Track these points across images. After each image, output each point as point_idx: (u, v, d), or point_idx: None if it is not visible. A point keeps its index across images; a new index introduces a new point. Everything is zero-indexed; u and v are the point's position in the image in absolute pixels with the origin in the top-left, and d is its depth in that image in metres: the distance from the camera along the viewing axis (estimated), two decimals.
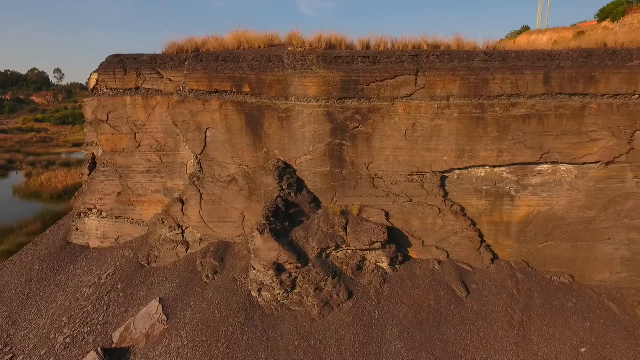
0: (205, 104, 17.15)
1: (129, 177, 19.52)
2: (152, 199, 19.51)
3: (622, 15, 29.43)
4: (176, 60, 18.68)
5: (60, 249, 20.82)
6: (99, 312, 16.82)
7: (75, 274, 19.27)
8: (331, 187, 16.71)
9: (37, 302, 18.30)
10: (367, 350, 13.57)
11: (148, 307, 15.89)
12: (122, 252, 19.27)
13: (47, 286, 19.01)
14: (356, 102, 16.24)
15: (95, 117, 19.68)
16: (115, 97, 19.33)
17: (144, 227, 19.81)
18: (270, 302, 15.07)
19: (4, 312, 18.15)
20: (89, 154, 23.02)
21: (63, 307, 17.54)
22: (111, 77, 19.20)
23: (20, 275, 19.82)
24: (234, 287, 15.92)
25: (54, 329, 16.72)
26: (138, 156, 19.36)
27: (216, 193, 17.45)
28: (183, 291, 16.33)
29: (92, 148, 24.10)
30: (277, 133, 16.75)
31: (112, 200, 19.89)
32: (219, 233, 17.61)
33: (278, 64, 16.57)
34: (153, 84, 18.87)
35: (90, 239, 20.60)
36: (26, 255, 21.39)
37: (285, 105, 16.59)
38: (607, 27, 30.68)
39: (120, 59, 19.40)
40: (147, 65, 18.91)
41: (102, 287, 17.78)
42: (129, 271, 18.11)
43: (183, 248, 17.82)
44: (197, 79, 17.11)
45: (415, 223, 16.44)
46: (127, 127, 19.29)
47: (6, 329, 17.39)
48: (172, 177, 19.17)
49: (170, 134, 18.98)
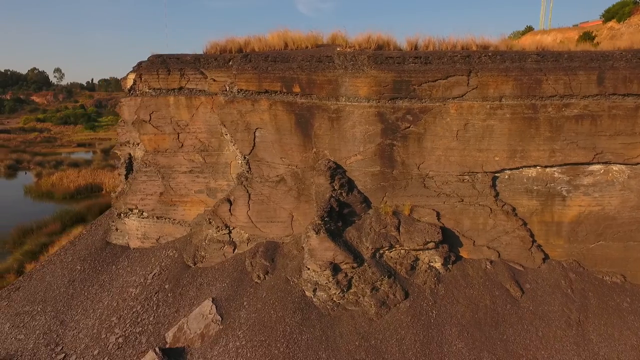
0: (255, 104, 17.24)
1: (172, 177, 19.61)
2: (194, 199, 19.60)
3: (628, 15, 29.43)
4: (220, 60, 18.77)
5: (100, 249, 20.90)
6: (148, 312, 16.90)
7: (118, 274, 19.35)
8: (381, 187, 16.81)
9: (83, 302, 18.38)
10: (428, 350, 13.68)
11: (201, 307, 15.97)
12: (165, 252, 19.35)
13: (91, 286, 19.09)
14: (407, 102, 16.34)
15: (137, 117, 19.76)
16: (158, 97, 19.41)
17: (186, 227, 19.89)
18: (326, 302, 15.16)
19: (50, 312, 18.24)
20: (125, 154, 23.11)
21: (110, 307, 17.62)
22: (154, 76, 19.28)
23: (62, 275, 19.90)
24: (287, 287, 16.01)
25: (104, 328, 16.80)
26: (181, 156, 19.45)
27: (264, 193, 17.54)
28: (234, 291, 16.43)
29: (125, 148, 24.19)
30: (327, 133, 16.85)
31: (153, 200, 19.97)
32: (266, 233, 17.70)
33: (328, 64, 16.67)
34: (197, 84, 18.96)
35: (131, 239, 20.68)
36: (65, 255, 21.47)
37: (336, 105, 16.69)
38: (612, 28, 30.79)
39: (162, 59, 19.49)
40: (190, 65, 19.00)
41: (149, 287, 17.86)
42: (175, 271, 18.19)
43: (230, 248, 17.91)
44: (247, 79, 17.20)
45: (466, 223, 16.55)
46: (170, 127, 19.38)
47: (54, 328, 17.48)
48: (215, 177, 19.25)
49: (214, 134, 19.08)
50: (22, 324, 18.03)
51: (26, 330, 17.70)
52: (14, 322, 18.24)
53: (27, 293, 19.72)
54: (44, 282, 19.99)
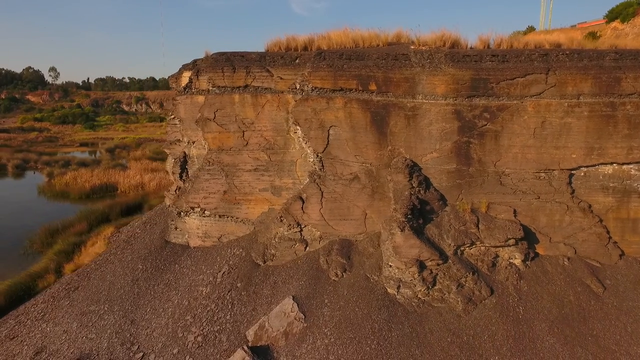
0: (329, 102, 17.32)
1: (236, 175, 19.63)
2: (258, 197, 19.64)
3: (632, 16, 29.80)
4: (287, 58, 18.83)
5: (160, 248, 20.87)
6: (224, 311, 16.93)
7: (182, 273, 19.34)
8: (457, 185, 16.95)
9: (151, 301, 18.36)
10: (522, 346, 13.85)
11: (281, 306, 16.02)
12: (231, 250, 19.36)
13: (156, 285, 19.07)
14: (484, 100, 16.51)
15: (200, 115, 19.76)
16: (223, 95, 19.43)
17: (249, 226, 19.93)
18: (411, 299, 15.29)
19: (118, 311, 18.20)
20: (178, 153, 23.09)
21: (182, 306, 17.61)
22: (219, 74, 19.29)
23: (124, 274, 19.86)
24: (368, 284, 16.12)
25: (180, 327, 16.80)
26: (246, 154, 19.48)
27: (337, 191, 17.61)
28: (313, 289, 16.49)
29: (176, 146, 24.18)
30: (403, 131, 16.97)
31: (216, 198, 19.98)
32: (339, 231, 17.78)
33: (405, 62, 16.79)
34: (263, 81, 19.00)
35: (191, 237, 20.68)
36: (123, 254, 21.43)
37: (412, 103, 16.81)
38: (616, 28, 31.15)
39: (227, 57, 19.51)
40: (256, 63, 19.04)
41: (220, 286, 17.87)
42: (245, 270, 18.22)
43: (302, 246, 17.97)
44: (322, 77, 17.26)
45: (543, 220, 16.74)
46: (234, 126, 19.40)
47: (126, 327, 17.45)
48: (281, 175, 19.30)
49: (280, 132, 19.13)
50: (91, 323, 17.98)
51: (96, 329, 17.65)
52: (81, 322, 18.19)
53: (88, 292, 19.67)
54: (105, 282, 19.94)
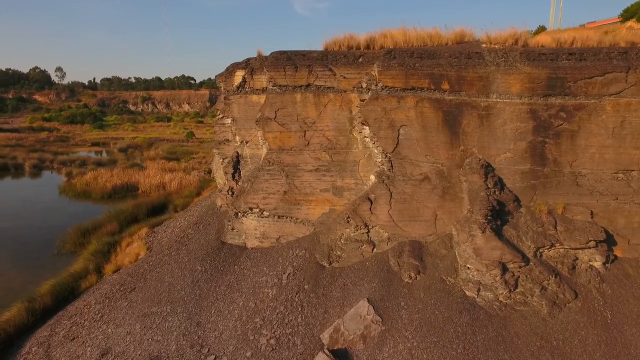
0: (400, 101, 17.08)
1: (296, 175, 19.42)
2: (319, 197, 19.42)
3: None
4: (350, 57, 18.62)
5: (217, 249, 20.68)
6: (294, 314, 16.70)
7: (243, 274, 19.14)
8: (531, 186, 16.67)
9: (214, 303, 18.16)
10: (615, 351, 13.56)
11: (356, 308, 15.78)
12: (293, 251, 19.14)
13: (217, 287, 18.88)
14: (561, 99, 16.22)
15: (261, 115, 19.55)
16: (284, 95, 19.23)
17: (309, 227, 19.70)
18: (492, 302, 15.01)
19: (181, 313, 18.02)
20: (230, 153, 22.93)
21: (249, 308, 17.40)
22: (281, 74, 19.09)
23: (183, 276, 19.67)
24: (444, 287, 15.86)
25: (250, 330, 16.59)
26: (307, 154, 19.26)
27: (407, 191, 17.36)
28: (386, 291, 16.24)
29: (225, 146, 24.04)
30: (476, 131, 16.71)
31: (276, 199, 19.77)
32: (408, 232, 17.53)
33: (479, 60, 16.53)
34: (325, 81, 18.80)
35: (248, 238, 20.48)
36: (178, 255, 21.26)
37: (486, 102, 16.54)
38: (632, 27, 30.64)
39: (287, 56, 19.31)
40: (318, 62, 18.83)
41: (287, 288, 17.65)
42: (311, 271, 17.99)
43: (369, 247, 17.72)
44: (392, 76, 17.03)
45: (621, 221, 16.43)
46: (296, 125, 19.20)
47: (192, 330, 17.25)
48: (343, 175, 19.07)
49: (342, 132, 18.91)
50: (155, 325, 17.80)
51: (161, 331, 17.46)
52: (144, 323, 18.01)
53: (147, 294, 19.50)
54: (164, 283, 19.77)
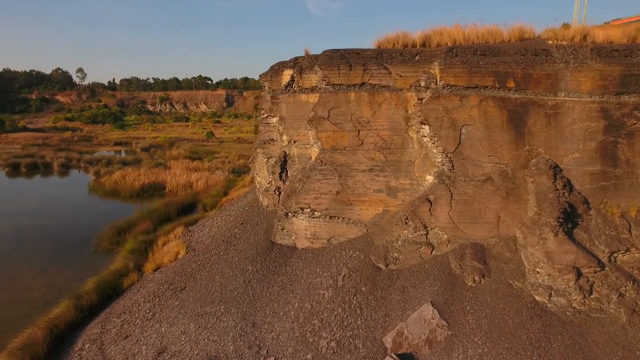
0: (463, 100, 16.65)
1: (349, 175, 19.15)
2: (372, 198, 19.10)
3: None
4: (405, 55, 18.27)
5: (267, 249, 20.55)
6: (353, 316, 16.41)
7: (296, 275, 18.94)
8: (601, 187, 16.04)
9: (269, 304, 18.01)
10: None
11: (420, 312, 15.41)
12: (346, 253, 18.86)
13: (270, 287, 18.73)
14: (635, 98, 15.59)
15: (314, 114, 19.34)
16: (338, 93, 18.98)
17: (361, 227, 19.41)
18: (565, 308, 14.46)
19: (235, 313, 17.93)
20: (275, 152, 22.80)
21: (305, 310, 17.18)
22: (335, 72, 18.85)
23: (235, 276, 19.60)
24: (511, 291, 15.37)
25: (308, 332, 16.37)
26: (360, 154, 18.97)
27: (468, 193, 16.91)
28: (450, 295, 15.83)
29: (270, 146, 23.91)
30: (543, 130, 16.16)
31: (328, 199, 19.53)
32: (469, 234, 17.07)
33: (546, 57, 16.00)
34: (381, 79, 18.49)
35: (298, 239, 20.29)
36: (227, 255, 21.22)
37: (554, 101, 15.99)
38: None
39: (341, 54, 19.07)
40: (372, 61, 18.55)
41: (344, 290, 17.38)
42: (367, 273, 17.69)
43: (428, 249, 17.32)
44: (455, 74, 16.61)
45: None
46: (350, 124, 18.93)
47: (248, 330, 17.13)
48: (397, 175, 18.72)
49: (397, 132, 18.57)
50: (209, 324, 17.74)
51: (217, 331, 17.38)
52: (198, 323, 17.97)
53: (199, 293, 19.48)
54: (215, 283, 19.73)
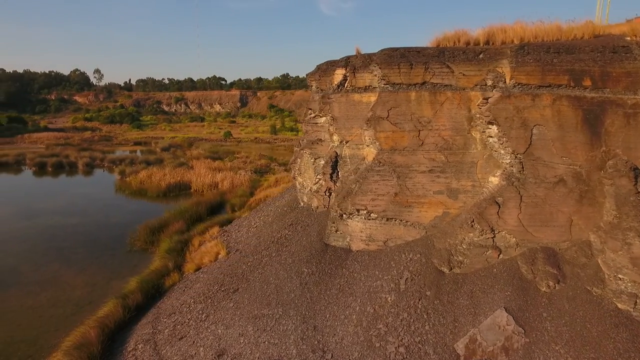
0: (535, 99, 16.13)
1: (408, 176, 18.75)
2: (432, 200, 18.66)
3: None
4: (469, 53, 17.81)
5: (321, 251, 20.27)
6: (420, 321, 16.02)
7: (354, 278, 18.62)
8: None
9: (328, 307, 17.73)
10: None
11: (494, 318, 14.94)
12: (406, 256, 18.46)
13: (328, 290, 18.44)
14: None
15: (372, 114, 18.99)
16: (398, 93, 18.60)
17: (419, 230, 18.99)
18: None
19: (294, 316, 17.69)
20: (323, 152, 22.53)
21: (367, 314, 16.85)
22: (395, 71, 18.48)
23: (290, 278, 19.36)
24: (590, 298, 14.82)
25: (374, 337, 16.03)
26: (420, 155, 18.56)
27: (539, 195, 16.37)
28: (523, 301, 15.33)
29: (317, 146, 23.64)
30: (621, 130, 15.56)
31: (385, 200, 19.16)
32: (539, 238, 16.53)
33: (626, 55, 15.42)
34: (443, 78, 18.06)
35: (353, 241, 19.96)
36: (280, 257, 21.00)
37: (634, 100, 15.38)
38: None
39: (401, 53, 18.70)
40: (434, 59, 18.13)
41: (407, 294, 16.99)
42: (431, 277, 17.27)
43: (495, 253, 16.83)
44: (527, 73, 16.11)
45: None
46: (410, 124, 18.53)
47: (310, 334, 16.86)
48: (459, 177, 18.26)
49: (459, 132, 18.11)
50: (268, 327, 17.52)
51: (277, 334, 17.16)
52: (256, 325, 17.77)
53: (253, 295, 19.30)
54: (269, 284, 19.52)
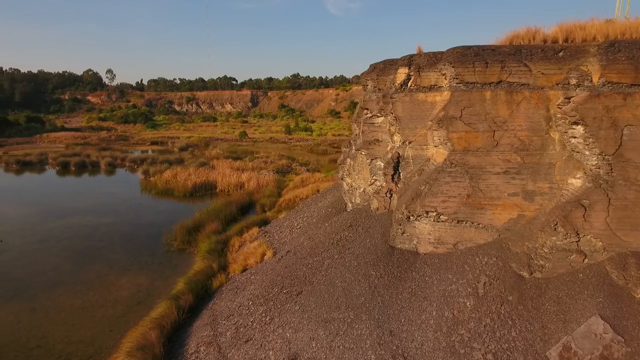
0: (627, 99, 15.58)
1: (482, 178, 18.27)
2: (506, 202, 18.17)
3: None
4: (547, 51, 17.31)
5: (387, 254, 19.88)
6: (505, 327, 15.54)
7: (425, 282, 18.19)
8: None
9: (402, 311, 17.33)
10: None
11: (588, 325, 14.42)
12: (480, 259, 17.99)
13: (399, 294, 18.03)
14: None
15: (444, 114, 18.54)
16: (472, 92, 18.14)
17: (491, 233, 18.51)
18: None
19: (367, 320, 17.32)
20: (393, 153, 22.11)
21: (446, 319, 16.41)
22: (469, 70, 18.02)
23: (357, 281, 19.00)
24: None
25: (456, 343, 15.58)
26: (495, 156, 18.07)
27: (629, 198, 15.81)
28: (617, 308, 14.79)
29: (375, 147, 23.26)
30: None
31: (456, 202, 18.70)
32: (628, 242, 15.97)
33: None
34: (520, 77, 17.57)
35: (420, 243, 19.53)
36: (343, 259, 20.66)
37: None
38: None
39: (475, 51, 18.24)
40: (511, 58, 17.66)
41: (487, 299, 16.52)
42: (511, 281, 16.78)
43: (580, 257, 16.29)
44: (619, 71, 15.57)
45: None
46: (484, 125, 18.06)
47: (387, 339, 16.48)
48: (535, 178, 17.74)
49: (536, 132, 17.61)
50: (341, 331, 17.17)
51: (350, 339, 16.80)
52: (328, 329, 17.43)
53: (320, 298, 18.97)
54: (336, 288, 19.17)
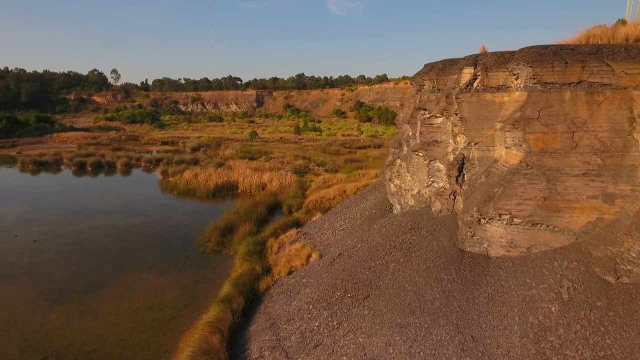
0: None
1: (559, 180, 17.87)
2: (585, 205, 17.76)
3: None
4: (631, 51, 16.93)
5: (457, 257, 19.49)
6: (598, 334, 15.16)
7: (502, 286, 17.79)
8: None
9: (481, 317, 16.95)
10: None
11: None
12: (559, 263, 17.59)
13: (475, 298, 17.65)
14: None
15: (521, 114, 18.14)
16: (550, 93, 17.73)
17: (568, 236, 18.11)
18: None
19: (446, 325, 16.94)
20: (458, 155, 21.72)
21: (533, 325, 16.05)
22: (549, 70, 17.63)
23: (429, 285, 18.62)
24: None
25: (547, 349, 15.20)
26: (573, 157, 17.67)
27: None
28: None
29: (434, 148, 22.87)
30: None
31: (531, 205, 18.30)
32: None
33: None
34: (602, 77, 17.18)
35: (491, 246, 19.13)
36: (410, 262, 20.28)
37: None
38: None
39: (553, 50, 17.87)
40: (592, 57, 17.27)
41: (573, 304, 16.12)
42: (596, 287, 16.37)
43: None
44: None
45: None
46: (563, 126, 17.66)
47: (470, 345, 16.08)
48: (616, 181, 17.34)
49: (618, 133, 17.21)
50: (419, 337, 16.79)
51: (430, 344, 16.41)
52: (404, 335, 17.06)
53: (390, 303, 18.60)
54: (406, 291, 18.80)
